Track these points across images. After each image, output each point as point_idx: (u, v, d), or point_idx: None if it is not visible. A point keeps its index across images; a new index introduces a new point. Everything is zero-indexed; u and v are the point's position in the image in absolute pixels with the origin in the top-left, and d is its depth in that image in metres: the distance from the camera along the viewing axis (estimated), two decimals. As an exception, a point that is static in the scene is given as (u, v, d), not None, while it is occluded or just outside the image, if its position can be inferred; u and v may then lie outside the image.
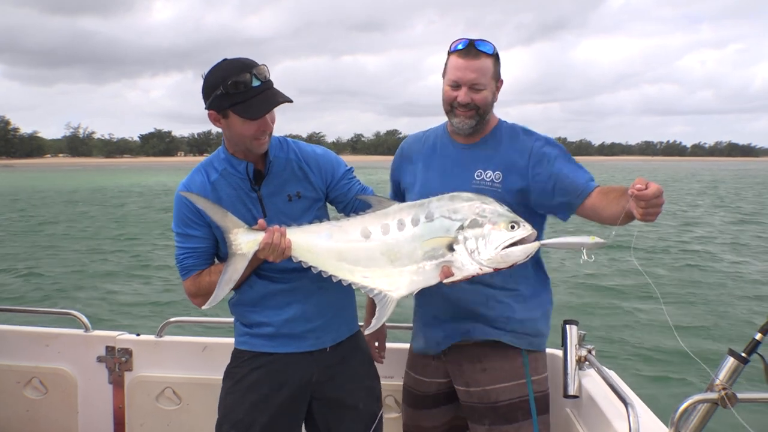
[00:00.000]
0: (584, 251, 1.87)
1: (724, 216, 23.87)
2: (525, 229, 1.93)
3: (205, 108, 2.08)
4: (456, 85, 2.21)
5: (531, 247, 1.94)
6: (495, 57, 2.22)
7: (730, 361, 1.94)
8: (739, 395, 1.86)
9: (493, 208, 1.97)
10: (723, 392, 1.87)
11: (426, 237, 1.98)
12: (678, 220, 21.52)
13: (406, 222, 2.01)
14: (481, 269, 1.94)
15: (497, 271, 1.97)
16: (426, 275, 2.00)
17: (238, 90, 1.98)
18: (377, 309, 2.03)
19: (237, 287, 2.18)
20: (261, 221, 2.05)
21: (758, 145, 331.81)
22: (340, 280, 2.06)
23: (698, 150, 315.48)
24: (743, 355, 1.93)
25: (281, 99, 2.04)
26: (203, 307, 2.11)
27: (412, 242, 1.99)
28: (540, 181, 2.22)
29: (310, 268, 2.06)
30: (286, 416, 2.20)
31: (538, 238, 2.04)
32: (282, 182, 2.20)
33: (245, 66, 2.01)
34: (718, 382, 1.92)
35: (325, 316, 2.22)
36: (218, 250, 2.19)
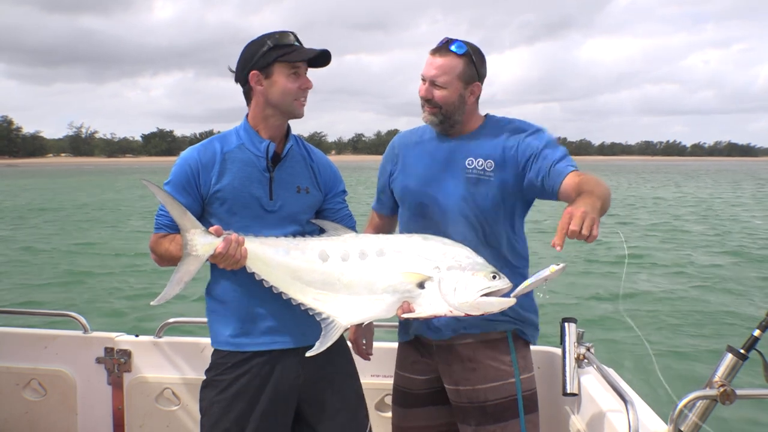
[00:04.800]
0: (546, 284, 1.87)
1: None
2: (503, 281, 1.95)
3: (245, 73, 2.12)
4: (423, 79, 2.28)
5: (507, 302, 1.95)
6: (467, 58, 2.22)
7: (729, 358, 1.94)
8: (738, 392, 1.86)
9: (470, 254, 1.99)
10: (722, 389, 1.87)
11: (393, 271, 1.97)
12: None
13: (369, 252, 2.00)
14: (450, 311, 1.95)
15: (467, 316, 1.98)
16: (383, 307, 2.00)
17: (285, 42, 2.10)
18: (322, 333, 2.03)
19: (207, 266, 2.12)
20: (216, 227, 1.99)
21: (757, 144, 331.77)
22: (290, 299, 2.05)
23: (698, 150, 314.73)
24: (742, 351, 1.93)
25: (324, 50, 2.11)
26: (152, 303, 2.06)
27: (374, 274, 1.98)
28: (529, 170, 2.22)
29: (262, 281, 2.04)
30: (275, 421, 2.14)
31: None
32: (295, 172, 2.20)
33: (287, 31, 2.15)
34: (716, 378, 1.92)
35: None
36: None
